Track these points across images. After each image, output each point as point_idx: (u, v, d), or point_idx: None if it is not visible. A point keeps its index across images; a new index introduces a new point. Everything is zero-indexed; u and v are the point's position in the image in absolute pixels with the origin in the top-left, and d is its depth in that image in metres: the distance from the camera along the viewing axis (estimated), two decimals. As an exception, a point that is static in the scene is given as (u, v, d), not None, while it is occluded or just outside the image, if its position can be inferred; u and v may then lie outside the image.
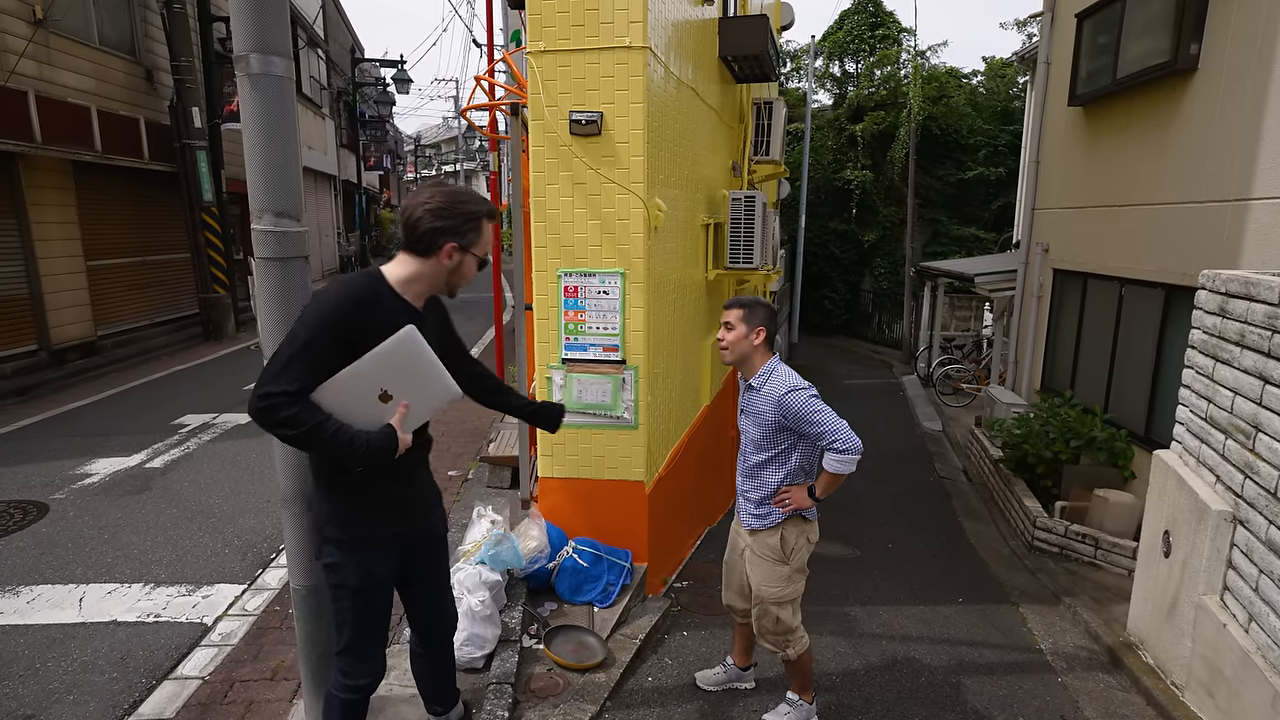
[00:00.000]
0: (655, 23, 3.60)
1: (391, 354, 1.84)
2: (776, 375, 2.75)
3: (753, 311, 2.78)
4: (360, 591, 2.05)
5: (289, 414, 1.74)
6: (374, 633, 2.13)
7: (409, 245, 1.95)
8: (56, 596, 3.51)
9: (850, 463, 2.64)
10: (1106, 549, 5.14)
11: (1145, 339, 5.74)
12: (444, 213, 1.92)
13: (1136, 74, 5.70)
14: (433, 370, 1.92)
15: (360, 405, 1.86)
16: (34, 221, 8.31)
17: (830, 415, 2.65)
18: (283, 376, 1.76)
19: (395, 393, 1.88)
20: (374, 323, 1.84)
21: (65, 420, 6.72)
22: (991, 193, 16.07)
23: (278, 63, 2.10)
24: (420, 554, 2.24)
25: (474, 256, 2.00)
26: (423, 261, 1.95)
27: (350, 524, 2.01)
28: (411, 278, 1.96)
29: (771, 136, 6.65)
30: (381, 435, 1.86)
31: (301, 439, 1.78)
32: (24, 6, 8.07)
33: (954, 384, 11.08)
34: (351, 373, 1.83)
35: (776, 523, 2.85)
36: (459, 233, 1.94)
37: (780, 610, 2.90)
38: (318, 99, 18.77)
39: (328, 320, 1.81)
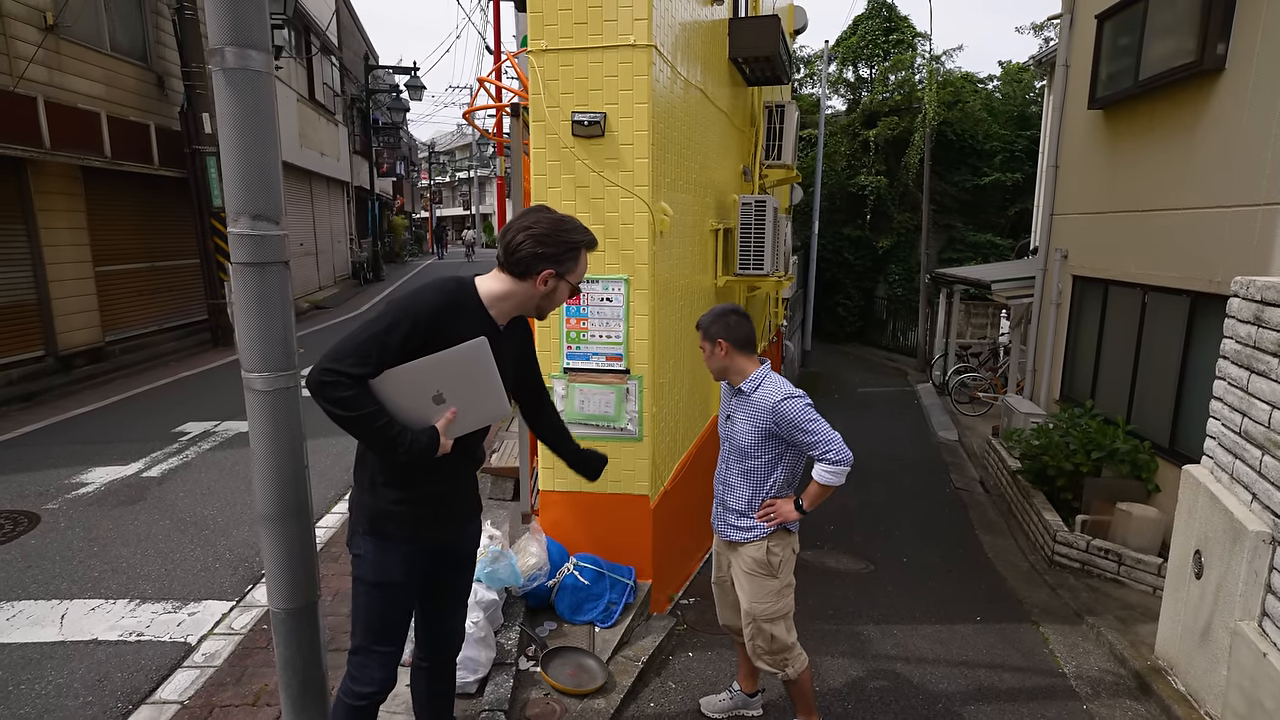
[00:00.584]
0: (661, 21, 3.48)
1: (458, 360, 1.87)
2: (769, 381, 2.66)
3: (708, 329, 2.72)
4: (376, 586, 2.04)
5: (347, 395, 1.77)
6: (385, 637, 2.08)
7: (506, 265, 1.97)
8: (38, 613, 3.41)
9: (841, 475, 2.54)
10: (1130, 565, 4.95)
11: (1169, 348, 5.55)
12: (546, 239, 1.94)
13: (1160, 75, 5.53)
14: (491, 385, 1.93)
15: (411, 400, 1.88)
16: (42, 227, 8.31)
17: (824, 425, 2.57)
18: (352, 357, 1.79)
19: (449, 397, 1.90)
20: (453, 329, 1.88)
21: (68, 427, 6.66)
22: (1008, 198, 15.85)
23: (255, 57, 1.98)
24: (446, 565, 2.22)
25: (568, 284, 2.02)
26: (517, 282, 1.98)
27: (378, 519, 2.01)
28: (502, 295, 1.99)
29: (783, 140, 6.52)
30: (426, 435, 1.87)
31: (350, 422, 1.80)
32: (34, 13, 8.08)
33: (970, 393, 10.88)
34: (414, 367, 1.85)
35: (761, 537, 2.74)
36: (558, 260, 1.96)
37: (773, 627, 2.79)
38: (331, 105, 18.84)
39: (413, 318, 1.85)
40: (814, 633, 4.14)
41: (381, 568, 2.03)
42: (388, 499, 2.00)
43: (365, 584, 2.05)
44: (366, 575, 2.04)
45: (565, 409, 3.69)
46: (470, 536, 2.28)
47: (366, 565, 2.03)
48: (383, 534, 2.02)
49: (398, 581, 2.05)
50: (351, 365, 1.78)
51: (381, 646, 2.08)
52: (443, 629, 2.31)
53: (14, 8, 7.79)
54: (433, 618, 2.28)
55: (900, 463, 8.21)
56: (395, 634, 2.11)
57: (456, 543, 2.22)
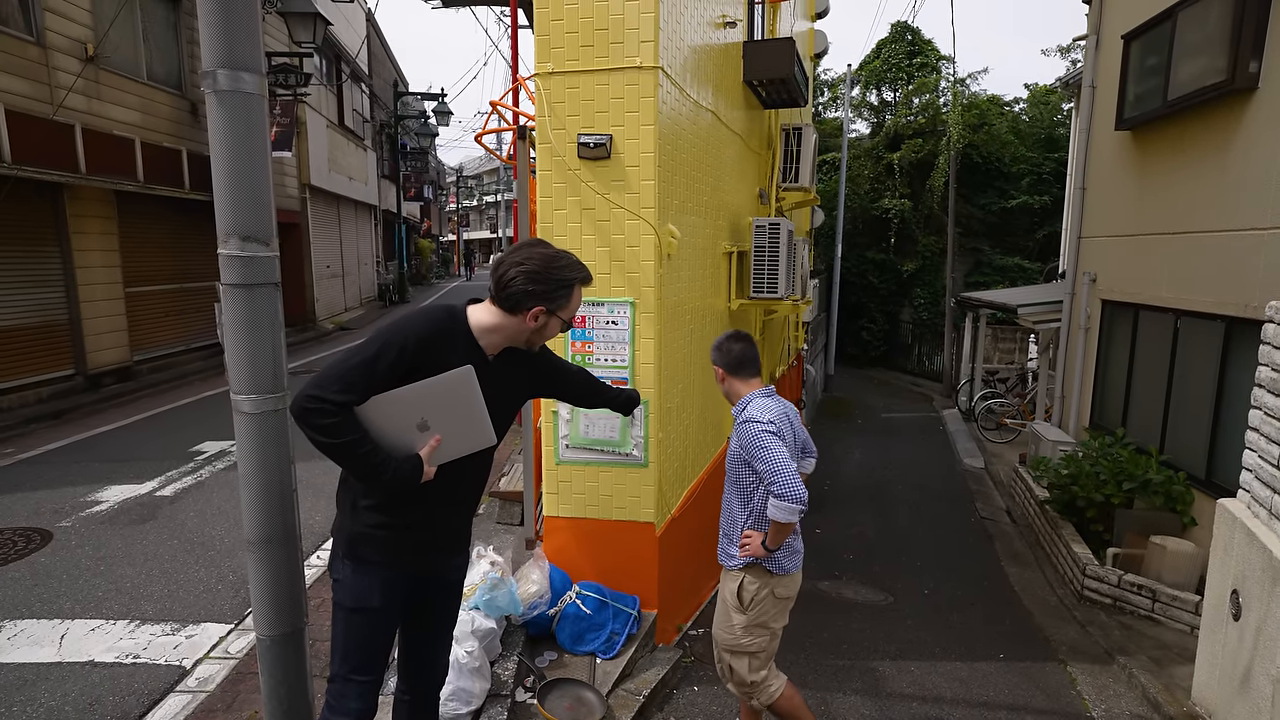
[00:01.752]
0: (668, 43, 3.46)
1: (443, 388, 1.86)
2: (749, 406, 2.64)
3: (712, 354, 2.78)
4: (354, 612, 2.00)
5: (331, 423, 1.76)
6: (363, 666, 2.03)
7: (497, 298, 1.96)
8: (39, 633, 3.41)
9: (789, 511, 2.41)
10: (1165, 602, 4.72)
11: (1204, 375, 5.33)
12: (537, 277, 1.93)
13: (1190, 95, 5.39)
14: (476, 414, 1.92)
15: (396, 427, 1.88)
16: (76, 249, 8.54)
17: (776, 455, 2.45)
18: (338, 384, 1.78)
19: (433, 424, 1.89)
20: (440, 357, 1.87)
21: (90, 445, 6.77)
22: (1036, 221, 15.60)
23: (248, 79, 1.98)
24: (429, 594, 2.16)
25: (559, 319, 2.01)
26: (507, 316, 1.96)
27: (356, 543, 1.99)
28: (492, 328, 1.98)
29: (801, 163, 6.46)
30: (409, 463, 1.87)
31: (333, 449, 1.79)
32: (76, 44, 8.38)
33: (997, 419, 10.61)
34: (399, 395, 1.85)
35: (737, 567, 2.68)
36: (550, 298, 1.95)
37: (734, 660, 2.72)
38: (360, 131, 19.27)
39: (403, 345, 1.84)
40: (826, 668, 3.99)
41: (359, 592, 1.99)
42: (367, 522, 1.97)
43: (343, 609, 2.01)
44: (345, 600, 2.00)
45: (570, 433, 3.63)
46: (456, 568, 2.22)
47: (345, 590, 2.00)
48: (361, 558, 1.98)
49: (375, 607, 2.00)
50: (336, 392, 1.77)
51: (359, 676, 2.03)
52: (423, 660, 2.24)
53: (57, 39, 8.09)
54: (414, 648, 2.22)
55: (924, 490, 8.00)
56: (373, 663, 2.05)
57: (440, 572, 2.16)
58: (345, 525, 2.01)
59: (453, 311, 1.97)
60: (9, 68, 7.42)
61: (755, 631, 2.67)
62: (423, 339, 1.87)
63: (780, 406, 2.67)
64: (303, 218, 14.77)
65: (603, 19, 3.31)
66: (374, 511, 1.96)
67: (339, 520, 2.03)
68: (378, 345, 1.84)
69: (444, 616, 2.25)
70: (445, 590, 2.21)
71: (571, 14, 3.34)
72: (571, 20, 3.34)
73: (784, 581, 2.68)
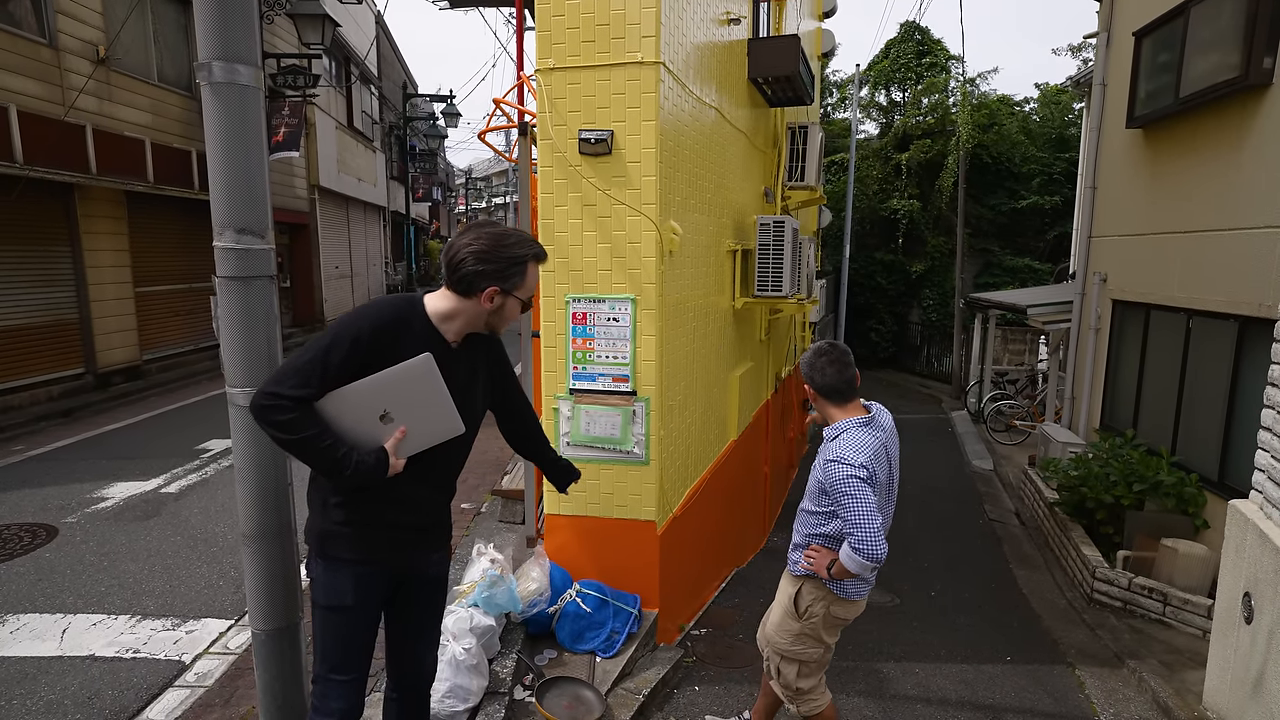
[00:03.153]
0: (670, 39, 3.44)
1: (403, 377, 1.82)
2: (842, 439, 2.42)
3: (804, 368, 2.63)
4: (330, 610, 1.96)
5: (288, 418, 1.73)
6: (342, 665, 1.99)
7: (450, 283, 1.91)
8: (41, 627, 3.42)
9: (862, 567, 2.30)
10: (1177, 606, 4.66)
11: (1217, 375, 5.26)
12: (487, 256, 1.86)
13: (1202, 91, 5.32)
14: (440, 402, 1.87)
15: (358, 420, 1.84)
16: (87, 249, 8.61)
17: (860, 505, 2.27)
18: (293, 380, 1.75)
19: (397, 416, 1.85)
20: (398, 348, 1.82)
21: (97, 442, 6.81)
22: (1046, 222, 15.49)
23: (243, 71, 1.98)
24: (409, 591, 2.10)
25: (517, 300, 1.94)
26: (463, 300, 1.91)
27: (327, 541, 1.94)
28: (449, 314, 1.92)
29: (807, 162, 6.42)
30: (374, 455, 1.83)
31: (293, 445, 1.77)
32: (88, 46, 8.46)
33: (1006, 421, 10.52)
34: (358, 388, 1.81)
35: (798, 574, 2.62)
36: (503, 277, 1.89)
37: (784, 664, 2.67)
38: (369, 133, 19.35)
39: (355, 336, 1.80)
40: (831, 669, 3.92)
41: (332, 591, 1.95)
42: (337, 519, 1.92)
43: (319, 608, 1.98)
44: (320, 599, 1.97)
45: (570, 431, 3.61)
46: (436, 563, 2.15)
47: (319, 588, 1.97)
48: (332, 555, 1.94)
49: (349, 605, 1.95)
50: (293, 388, 1.74)
51: (339, 675, 1.98)
52: (408, 659, 2.18)
53: (69, 41, 8.17)
54: (399, 647, 2.17)
55: (932, 492, 7.94)
56: (353, 662, 2.01)
57: (418, 569, 2.09)
58: (316, 523, 1.96)
59: (410, 300, 1.92)
60: (22, 69, 7.49)
61: (806, 641, 2.61)
62: (378, 329, 1.82)
63: (877, 440, 2.43)
64: (312, 218, 14.85)
65: (604, 14, 3.29)
66: (344, 508, 1.91)
67: (310, 519, 1.99)
68: (330, 338, 1.80)
69: (428, 613, 2.19)
70: (428, 586, 2.15)
71: (573, 9, 3.32)
72: (573, 16, 3.33)
73: (844, 604, 2.58)
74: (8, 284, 7.71)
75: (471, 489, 5.45)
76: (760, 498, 6.05)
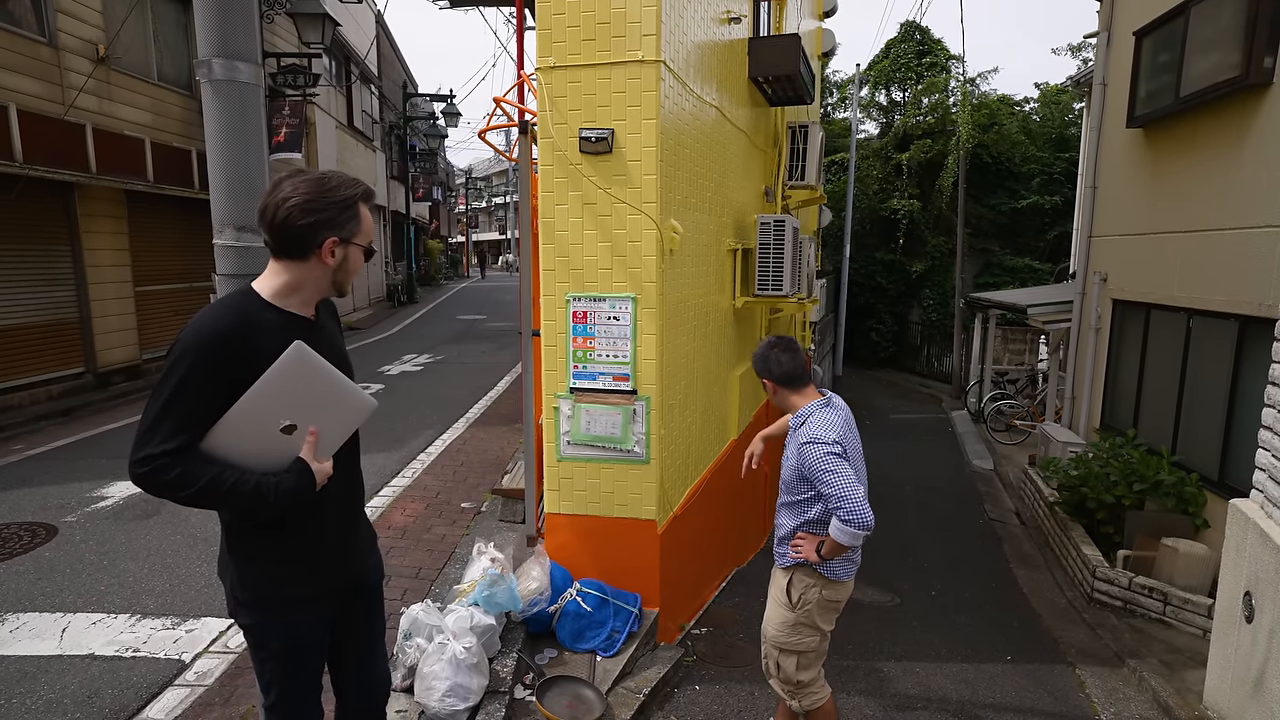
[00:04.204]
0: (671, 37, 3.44)
1: (282, 378, 1.58)
2: (810, 421, 2.55)
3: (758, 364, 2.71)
4: (288, 655, 1.78)
5: (174, 475, 1.50)
6: (306, 692, 1.85)
7: (281, 250, 1.64)
8: (41, 626, 3.42)
9: (853, 536, 2.36)
10: (1177, 605, 4.66)
11: (1217, 374, 5.26)
12: (315, 205, 1.61)
13: (1203, 91, 5.33)
14: (337, 384, 1.67)
15: (261, 443, 1.60)
16: (87, 248, 8.59)
17: (842, 479, 2.36)
18: (158, 435, 1.50)
19: (299, 420, 1.62)
20: (253, 348, 1.57)
21: (98, 442, 6.81)
22: (1047, 222, 15.48)
23: (243, 69, 1.98)
24: (350, 605, 1.91)
25: (358, 247, 1.70)
26: (301, 266, 1.65)
27: (267, 588, 1.71)
28: (291, 286, 1.66)
29: (807, 161, 6.41)
30: (293, 474, 1.61)
31: (198, 498, 1.54)
32: (88, 45, 8.44)
33: (1007, 420, 10.53)
34: (241, 410, 1.57)
35: (787, 565, 2.66)
36: (337, 224, 1.64)
37: (783, 658, 2.69)
38: (369, 133, 19.34)
39: (202, 356, 1.54)
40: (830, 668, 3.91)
41: (287, 636, 1.75)
42: (273, 559, 1.71)
43: (270, 653, 1.77)
44: (270, 644, 1.76)
45: (571, 429, 3.60)
46: (373, 569, 1.98)
47: (268, 635, 1.75)
48: (279, 600, 1.73)
49: (309, 642, 1.80)
50: (162, 442, 1.50)
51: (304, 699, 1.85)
52: (364, 675, 2.01)
53: (69, 40, 8.15)
54: (350, 668, 1.99)
55: (932, 491, 7.94)
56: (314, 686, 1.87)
57: (358, 579, 1.92)
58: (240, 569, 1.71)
59: (240, 293, 1.66)
60: (22, 68, 7.47)
61: (803, 630, 2.64)
62: (225, 338, 1.56)
63: (841, 417, 2.55)
64: (312, 218, 14.82)
65: (604, 13, 3.29)
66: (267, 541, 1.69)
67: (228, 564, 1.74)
68: (180, 371, 1.53)
69: (373, 625, 2.02)
70: (368, 595, 1.98)
71: (573, 7, 3.32)
72: (573, 14, 3.33)
73: (834, 586, 2.63)
74: (8, 283, 7.69)
75: (472, 488, 5.45)
76: (760, 497, 6.04)
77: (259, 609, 1.73)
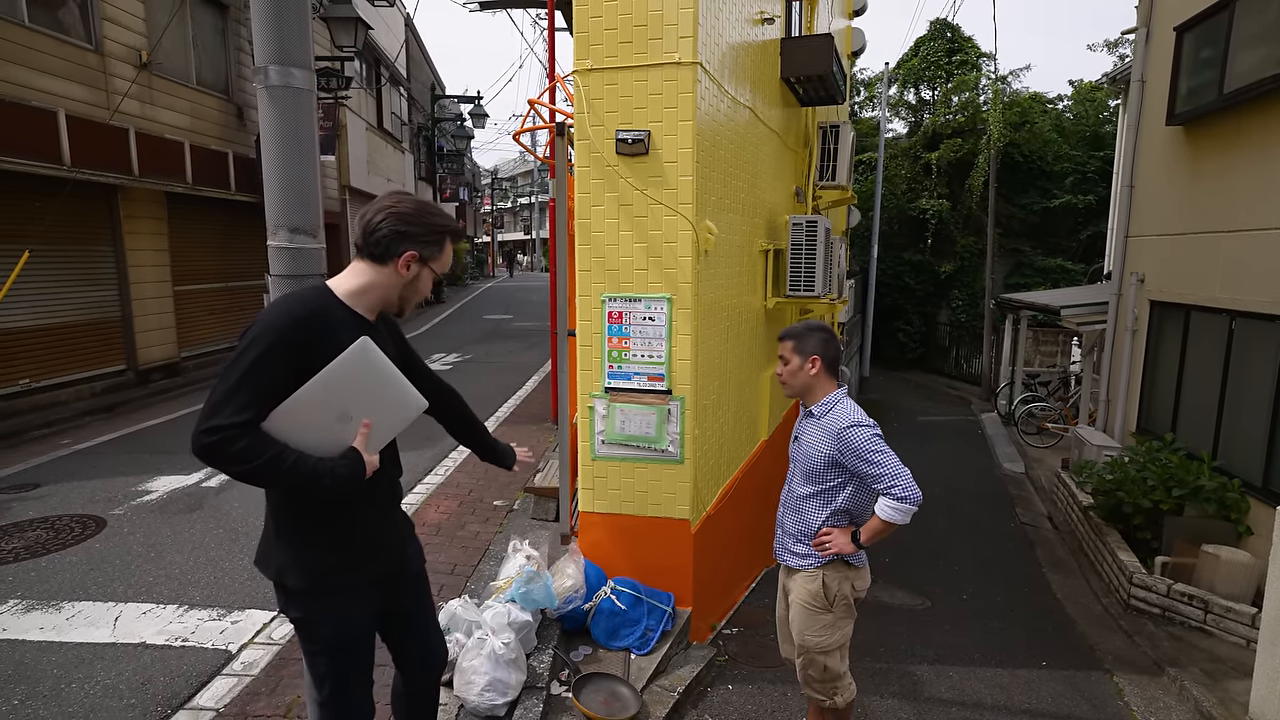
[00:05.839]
0: (707, 39, 3.46)
1: (345, 370, 1.68)
2: (840, 407, 2.54)
3: (803, 340, 2.59)
4: (340, 648, 1.85)
5: (240, 447, 1.57)
6: (359, 685, 1.94)
7: (365, 251, 1.79)
8: (95, 614, 3.54)
9: (906, 513, 2.39)
10: (1219, 614, 4.56)
11: (1261, 377, 5.14)
12: (409, 219, 1.78)
13: (1249, 87, 5.21)
14: (393, 382, 1.78)
15: (318, 430, 1.69)
16: (129, 249, 8.82)
17: (892, 458, 2.42)
18: (228, 407, 1.58)
19: (355, 411, 1.72)
20: (324, 340, 1.68)
21: (140, 437, 6.99)
22: (1080, 222, 15.21)
23: (298, 75, 2.04)
24: (398, 594, 2.00)
25: (431, 272, 1.85)
26: (378, 270, 1.79)
27: (316, 573, 1.78)
28: (364, 288, 1.80)
29: (838, 161, 6.39)
30: (347, 461, 1.70)
31: (257, 473, 1.61)
32: (131, 51, 8.68)
33: (1038, 423, 10.37)
34: (304, 396, 1.66)
35: (816, 566, 2.61)
36: (422, 242, 1.80)
37: (827, 659, 2.66)
38: (398, 134, 19.59)
39: (277, 339, 1.64)
40: (863, 670, 3.92)
41: (337, 625, 1.83)
42: (322, 546, 1.79)
43: (321, 645, 1.85)
44: (323, 637, 1.84)
45: (606, 429, 3.64)
46: (413, 557, 2.08)
47: (319, 628, 1.83)
48: (328, 590, 1.80)
49: (360, 631, 1.88)
50: (232, 414, 1.57)
51: (357, 693, 1.94)
52: (423, 652, 2.12)
53: (114, 47, 8.39)
54: (407, 648, 2.10)
55: (962, 494, 7.84)
56: (366, 677, 1.96)
57: (399, 566, 2.01)
58: (296, 563, 1.78)
59: (317, 287, 1.81)
60: (71, 75, 7.71)
61: (841, 624, 2.64)
62: (301, 324, 1.67)
63: None
64: (342, 219, 15.06)
65: (641, 15, 3.31)
66: (316, 534, 1.78)
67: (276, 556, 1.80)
68: (254, 349, 1.62)
69: (424, 608, 2.13)
70: (414, 582, 2.08)
71: (610, 10, 3.35)
72: (610, 16, 3.36)
73: (862, 574, 2.66)
74: (55, 284, 7.93)
75: (504, 486, 5.51)
76: (789, 498, 6.03)
77: (308, 599, 1.80)
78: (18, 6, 7.17)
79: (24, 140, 6.97)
